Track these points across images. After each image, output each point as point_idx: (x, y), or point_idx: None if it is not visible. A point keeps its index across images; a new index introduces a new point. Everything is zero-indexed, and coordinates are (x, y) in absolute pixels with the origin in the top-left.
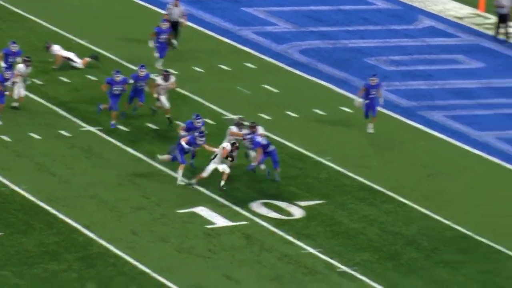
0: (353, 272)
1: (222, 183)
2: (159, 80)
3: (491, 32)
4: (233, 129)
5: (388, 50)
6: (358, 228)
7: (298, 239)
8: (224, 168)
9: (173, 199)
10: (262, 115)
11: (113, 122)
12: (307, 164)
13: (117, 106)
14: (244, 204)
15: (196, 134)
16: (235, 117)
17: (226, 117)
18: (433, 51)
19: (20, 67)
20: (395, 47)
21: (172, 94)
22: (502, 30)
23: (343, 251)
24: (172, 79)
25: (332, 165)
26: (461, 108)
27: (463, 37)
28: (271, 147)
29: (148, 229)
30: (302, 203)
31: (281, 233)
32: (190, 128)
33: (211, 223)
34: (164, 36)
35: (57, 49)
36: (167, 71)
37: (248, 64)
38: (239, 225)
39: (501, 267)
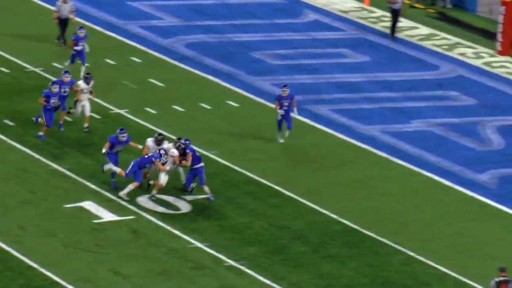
0: (240, 266)
1: (154, 192)
2: (81, 84)
3: (376, 26)
4: (149, 142)
5: (273, 44)
6: (245, 222)
7: (185, 234)
8: (165, 180)
9: (60, 194)
10: (148, 109)
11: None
12: None
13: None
14: (131, 199)
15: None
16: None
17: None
18: (319, 45)
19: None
20: (280, 41)
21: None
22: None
23: (230, 245)
24: (92, 82)
25: (218, 159)
26: (346, 102)
27: (348, 31)
28: (200, 164)
29: (35, 223)
30: (189, 198)
31: (168, 227)
32: (114, 143)
33: (98, 217)
34: (81, 44)
35: None
36: (89, 74)
37: (134, 58)
38: (126, 219)
39: (389, 261)
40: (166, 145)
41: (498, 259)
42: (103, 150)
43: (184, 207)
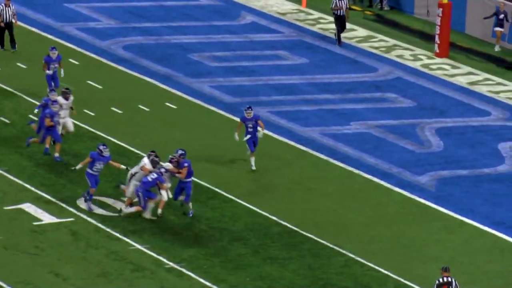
0: (180, 268)
1: (160, 211)
2: (60, 99)
3: (314, 28)
4: (147, 163)
5: (211, 46)
6: (185, 224)
7: (125, 235)
8: (168, 195)
9: None
10: (86, 111)
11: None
12: (132, 160)
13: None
14: (70, 201)
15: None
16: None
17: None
18: (256, 47)
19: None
20: (218, 43)
21: None
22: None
23: (170, 247)
24: (72, 97)
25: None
26: (285, 104)
27: (286, 33)
28: (189, 179)
29: None
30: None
31: (107, 229)
32: (95, 159)
33: (37, 219)
34: (54, 66)
35: None
36: (67, 89)
37: (72, 60)
38: (66, 221)
39: (329, 262)
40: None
41: (438, 260)
42: (78, 166)
43: (123, 209)
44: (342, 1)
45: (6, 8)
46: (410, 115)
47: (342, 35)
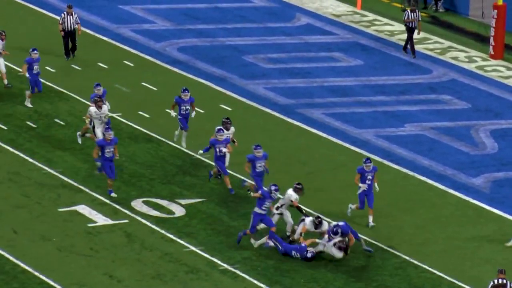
0: (234, 270)
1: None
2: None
3: (368, 30)
4: (307, 225)
5: (266, 48)
6: (238, 226)
7: (179, 237)
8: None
9: (53, 197)
10: (141, 113)
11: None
12: (186, 162)
13: None
14: (125, 202)
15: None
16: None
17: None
18: (311, 48)
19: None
20: (272, 44)
21: (50, 92)
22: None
23: (224, 249)
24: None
25: (212, 162)
26: (339, 106)
27: (340, 35)
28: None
29: (29, 227)
30: (183, 201)
31: (162, 231)
32: (103, 145)
33: (92, 221)
34: (36, 66)
35: None
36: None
37: (127, 62)
38: (120, 223)
39: (383, 264)
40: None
41: (492, 262)
42: (95, 157)
43: (177, 210)
44: (415, 13)
45: (68, 17)
46: (464, 117)
47: (399, 36)
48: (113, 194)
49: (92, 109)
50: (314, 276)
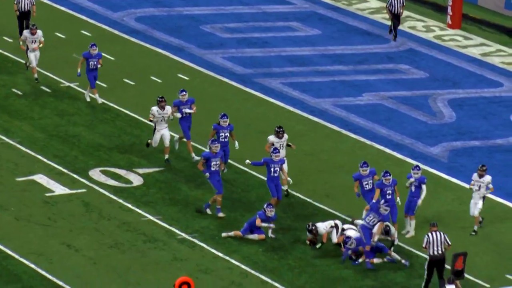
0: (192, 239)
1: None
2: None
3: (326, 0)
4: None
5: (223, 17)
6: (197, 195)
7: (137, 207)
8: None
9: (11, 167)
10: (99, 82)
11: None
12: (144, 131)
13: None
14: (82, 172)
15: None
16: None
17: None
18: (269, 18)
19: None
20: (230, 14)
21: (7, 62)
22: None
23: (182, 218)
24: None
25: (172, 133)
26: (297, 76)
27: (298, 4)
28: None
29: None
30: (141, 170)
31: (120, 200)
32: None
33: (50, 191)
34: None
35: None
36: (33, 25)
37: (84, 32)
38: (78, 192)
39: None
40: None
41: (450, 228)
42: (200, 169)
43: (135, 180)
44: (398, 1)
45: None
46: (422, 86)
47: (357, 5)
48: (220, 214)
49: (155, 108)
50: (272, 245)
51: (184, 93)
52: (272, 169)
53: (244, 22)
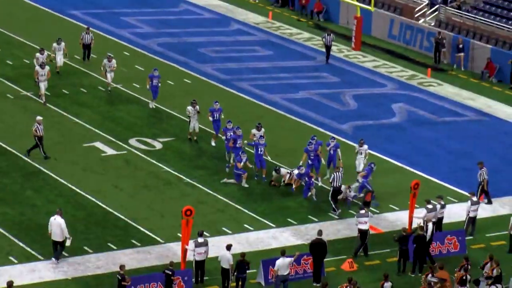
0: (194, 182)
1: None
2: (104, 61)
3: (276, 32)
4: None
5: (212, 44)
6: (195, 154)
7: (158, 162)
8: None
9: (80, 137)
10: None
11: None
12: (162, 116)
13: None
14: (124, 140)
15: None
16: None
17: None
18: (241, 44)
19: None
20: (217, 41)
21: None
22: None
23: (186, 169)
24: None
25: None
26: (258, 80)
27: (258, 35)
28: None
29: (62, 156)
30: (161, 139)
31: (148, 158)
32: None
33: (104, 152)
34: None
35: None
36: (110, 55)
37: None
38: (121, 153)
39: None
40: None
41: (353, 176)
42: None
43: (157, 145)
44: (330, 36)
45: (86, 35)
46: (337, 86)
47: (296, 36)
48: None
49: (190, 108)
50: (247, 190)
51: (217, 103)
52: (259, 149)
53: (225, 47)
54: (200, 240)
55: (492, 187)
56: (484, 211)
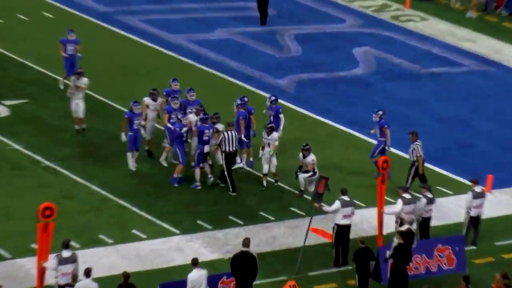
0: (56, 167)
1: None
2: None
3: None
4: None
5: None
6: (60, 125)
7: (4, 136)
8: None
9: None
10: None
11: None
12: (11, 65)
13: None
14: None
15: None
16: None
17: None
18: None
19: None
20: None
21: None
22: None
23: (46, 147)
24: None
25: (35, 66)
26: (154, 13)
27: None
28: None
29: None
30: (7, 102)
31: None
32: None
33: None
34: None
35: None
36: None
37: None
38: None
39: None
40: None
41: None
42: None
43: (2, 111)
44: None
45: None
46: (270, 22)
47: None
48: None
49: (193, 117)
50: (127, 171)
51: (192, 92)
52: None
53: None
54: (66, 254)
55: (499, 171)
56: (492, 207)
